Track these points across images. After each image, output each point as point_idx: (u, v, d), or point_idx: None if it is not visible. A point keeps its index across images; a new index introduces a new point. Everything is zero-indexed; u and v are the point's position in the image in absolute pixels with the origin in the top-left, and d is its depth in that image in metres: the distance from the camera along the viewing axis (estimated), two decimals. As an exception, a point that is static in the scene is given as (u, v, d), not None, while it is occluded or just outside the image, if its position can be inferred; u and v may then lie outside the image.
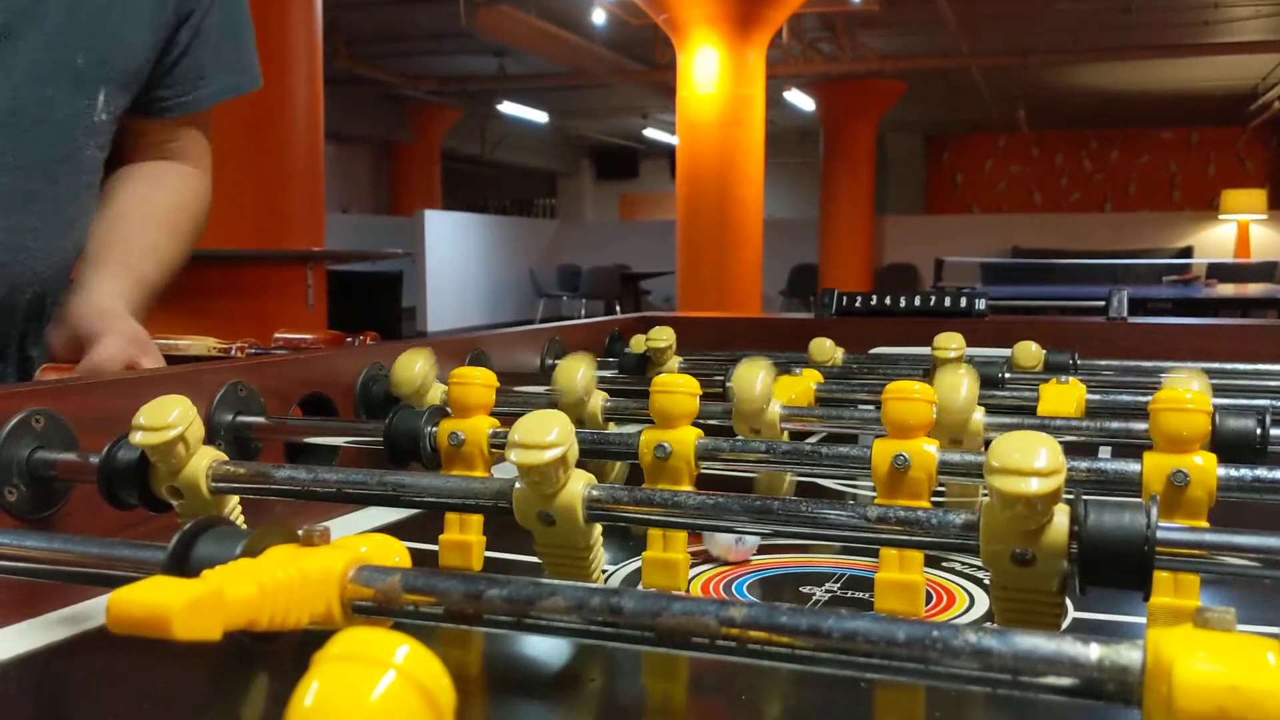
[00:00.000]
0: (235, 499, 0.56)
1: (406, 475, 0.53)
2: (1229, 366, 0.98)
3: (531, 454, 0.45)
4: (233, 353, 1.00)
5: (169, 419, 0.52)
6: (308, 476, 0.54)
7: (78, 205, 0.91)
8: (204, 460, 0.53)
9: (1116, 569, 0.38)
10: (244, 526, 0.55)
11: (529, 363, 1.11)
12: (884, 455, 0.52)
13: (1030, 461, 0.37)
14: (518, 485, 0.47)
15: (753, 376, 0.68)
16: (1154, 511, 0.37)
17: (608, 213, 16.04)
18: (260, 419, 0.71)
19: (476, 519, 0.60)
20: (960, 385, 0.63)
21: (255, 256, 3.54)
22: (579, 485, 0.47)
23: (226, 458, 0.54)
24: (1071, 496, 0.39)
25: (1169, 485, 0.49)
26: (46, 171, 0.87)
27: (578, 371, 0.74)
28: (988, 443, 0.65)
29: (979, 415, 0.65)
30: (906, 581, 0.50)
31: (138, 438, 0.52)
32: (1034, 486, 0.37)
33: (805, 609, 0.32)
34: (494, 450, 0.63)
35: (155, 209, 0.97)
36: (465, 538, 0.60)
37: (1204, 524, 0.48)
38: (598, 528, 0.48)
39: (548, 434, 0.45)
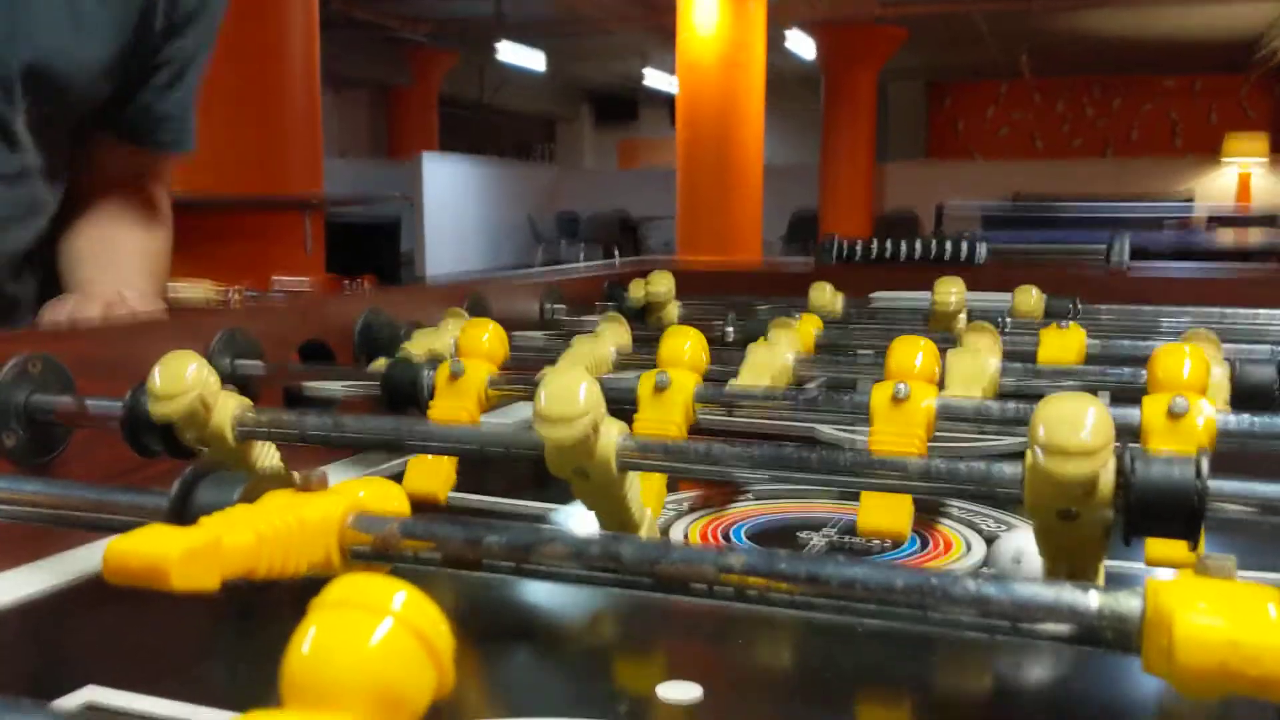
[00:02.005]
0: (269, 445, 0.55)
1: (436, 424, 0.52)
2: (1230, 311, 0.98)
3: (561, 429, 0.44)
4: (230, 298, 0.99)
5: (185, 381, 0.51)
6: (335, 424, 0.53)
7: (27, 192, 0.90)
8: (228, 410, 0.53)
9: (1165, 521, 0.37)
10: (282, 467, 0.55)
11: (528, 309, 1.10)
12: (884, 390, 0.52)
13: (1077, 436, 0.36)
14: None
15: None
16: (1205, 463, 0.37)
17: (607, 159, 15.93)
18: (258, 365, 0.71)
19: None
20: (984, 367, 0.62)
21: (253, 202, 3.52)
22: (613, 437, 0.45)
23: (250, 403, 0.54)
24: (1118, 445, 0.38)
25: (1168, 418, 0.49)
26: None
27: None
28: (1002, 395, 0.64)
29: (994, 362, 0.65)
30: (894, 499, 0.49)
31: (158, 409, 0.52)
32: (1083, 470, 0.36)
33: (804, 555, 0.32)
34: (490, 397, 0.63)
35: (142, 252, 0.99)
36: (437, 458, 0.59)
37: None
38: (635, 476, 0.48)
39: (575, 402, 0.44)
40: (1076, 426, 0.36)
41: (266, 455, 0.55)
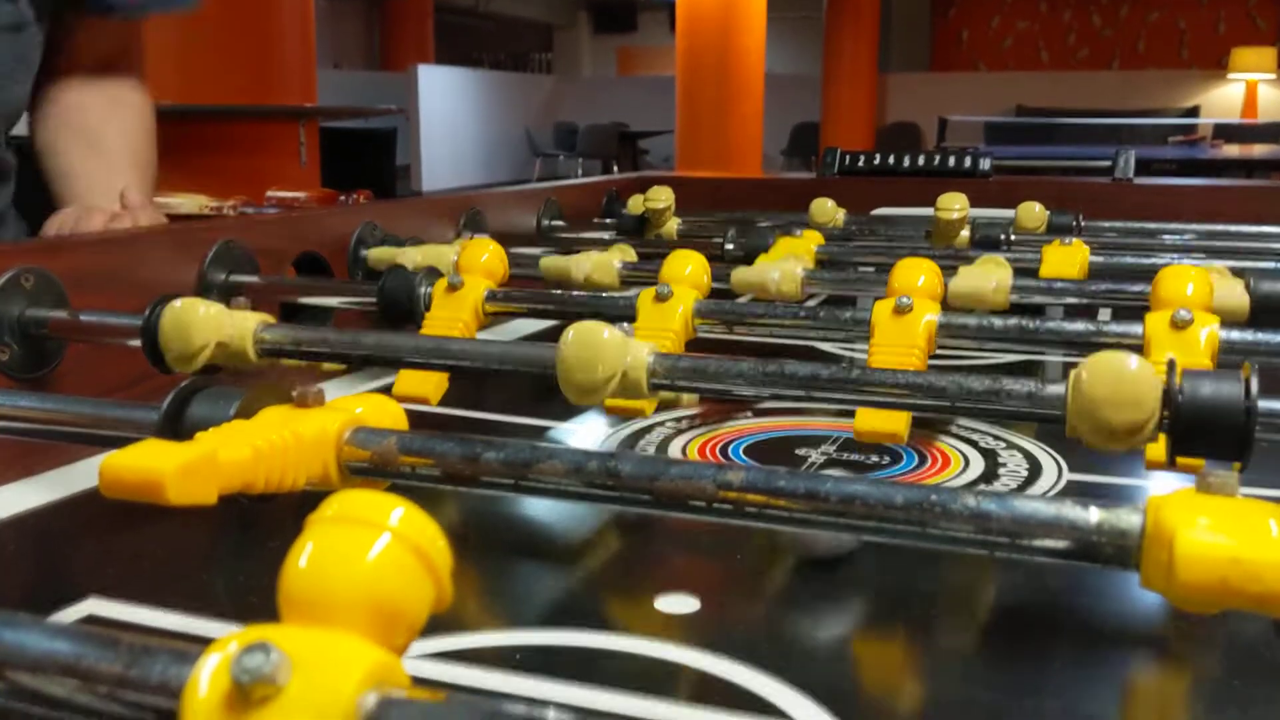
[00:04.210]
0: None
1: (459, 341, 0.52)
2: (1234, 228, 0.97)
3: (590, 397, 0.44)
4: (225, 211, 0.98)
5: (197, 337, 0.50)
6: (358, 340, 0.52)
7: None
8: (248, 330, 0.52)
9: (1213, 441, 0.36)
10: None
11: (525, 223, 1.09)
12: (886, 305, 0.51)
13: (1130, 414, 0.36)
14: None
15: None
16: (1254, 381, 0.36)
17: (605, 68, 15.69)
18: (253, 278, 0.70)
19: None
20: (989, 279, 0.62)
21: (246, 112, 3.46)
22: (644, 356, 0.45)
23: (268, 318, 0.53)
24: (1167, 363, 0.37)
25: (1172, 328, 0.48)
26: None
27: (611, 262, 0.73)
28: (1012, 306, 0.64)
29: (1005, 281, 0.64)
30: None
31: (176, 366, 0.51)
32: (1131, 445, 0.36)
33: (803, 472, 0.32)
34: (488, 313, 0.62)
35: (128, 142, 0.95)
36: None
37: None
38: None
39: (599, 369, 0.43)
40: (1126, 405, 0.36)
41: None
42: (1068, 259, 0.75)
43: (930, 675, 0.37)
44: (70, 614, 0.39)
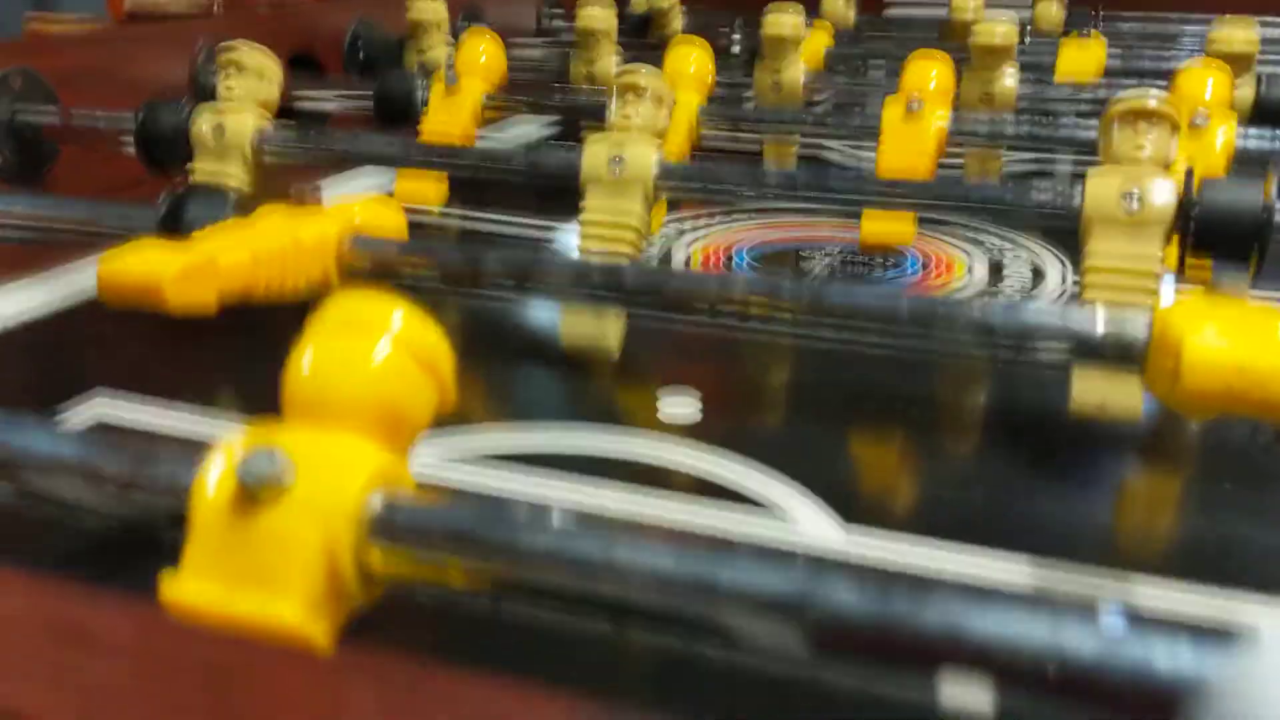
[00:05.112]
0: None
1: (461, 149, 0.51)
2: (1266, 19, 0.93)
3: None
4: (214, 10, 0.95)
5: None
6: (358, 144, 0.51)
7: None
8: (247, 129, 0.51)
9: (1229, 241, 0.36)
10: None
11: (524, 21, 1.06)
12: (896, 105, 0.50)
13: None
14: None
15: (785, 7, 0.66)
16: (1274, 186, 0.36)
17: None
18: (246, 78, 0.68)
19: None
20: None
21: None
22: (651, 157, 0.44)
23: (270, 121, 0.52)
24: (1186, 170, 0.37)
25: (1188, 130, 0.47)
26: None
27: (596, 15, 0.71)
28: (1019, 110, 0.63)
29: (1010, 80, 0.62)
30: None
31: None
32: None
33: (810, 281, 0.31)
34: (486, 112, 0.61)
35: None
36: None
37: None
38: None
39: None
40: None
41: None
42: (1083, 58, 0.72)
43: (928, 475, 0.37)
44: (79, 407, 0.39)
